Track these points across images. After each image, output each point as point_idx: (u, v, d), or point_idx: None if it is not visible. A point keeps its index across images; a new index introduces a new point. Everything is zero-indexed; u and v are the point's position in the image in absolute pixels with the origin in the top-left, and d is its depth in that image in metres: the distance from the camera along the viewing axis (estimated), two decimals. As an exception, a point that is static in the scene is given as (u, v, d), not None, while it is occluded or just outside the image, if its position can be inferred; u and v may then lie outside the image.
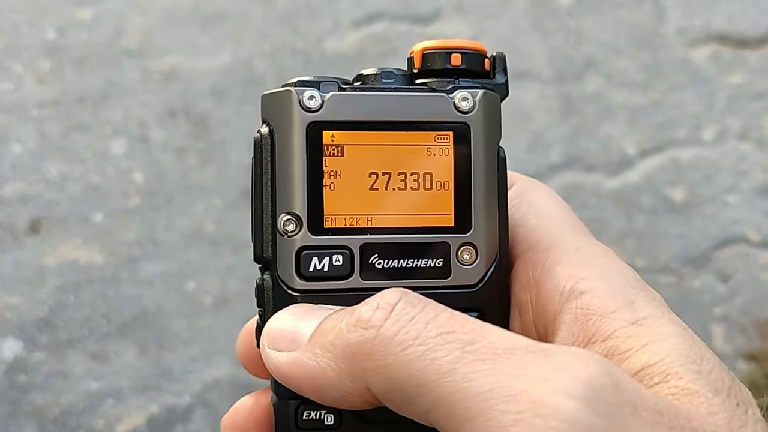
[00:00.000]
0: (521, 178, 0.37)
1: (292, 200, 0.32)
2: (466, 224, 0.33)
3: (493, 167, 0.33)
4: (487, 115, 0.33)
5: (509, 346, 0.25)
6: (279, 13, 1.33)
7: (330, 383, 0.27)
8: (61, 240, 1.17)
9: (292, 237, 0.32)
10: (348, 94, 0.32)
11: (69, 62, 1.27)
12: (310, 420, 0.32)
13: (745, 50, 1.38)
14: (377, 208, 0.32)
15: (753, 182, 1.30)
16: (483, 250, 0.33)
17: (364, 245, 0.32)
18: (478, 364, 0.25)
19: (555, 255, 0.32)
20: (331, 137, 0.32)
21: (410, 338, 0.26)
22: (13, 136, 1.22)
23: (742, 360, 1.18)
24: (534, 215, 0.35)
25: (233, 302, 1.15)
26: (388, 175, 0.32)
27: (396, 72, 0.34)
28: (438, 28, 1.34)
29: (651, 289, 0.31)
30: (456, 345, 0.25)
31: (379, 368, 0.26)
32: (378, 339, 0.26)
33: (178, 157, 1.23)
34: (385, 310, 0.27)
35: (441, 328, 0.26)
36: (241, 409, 0.35)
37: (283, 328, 0.30)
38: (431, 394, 0.25)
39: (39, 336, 1.12)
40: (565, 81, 1.33)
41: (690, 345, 0.28)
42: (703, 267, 1.24)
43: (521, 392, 0.23)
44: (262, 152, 0.33)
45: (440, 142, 0.33)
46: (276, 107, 0.33)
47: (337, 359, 0.27)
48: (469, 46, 0.35)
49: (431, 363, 0.25)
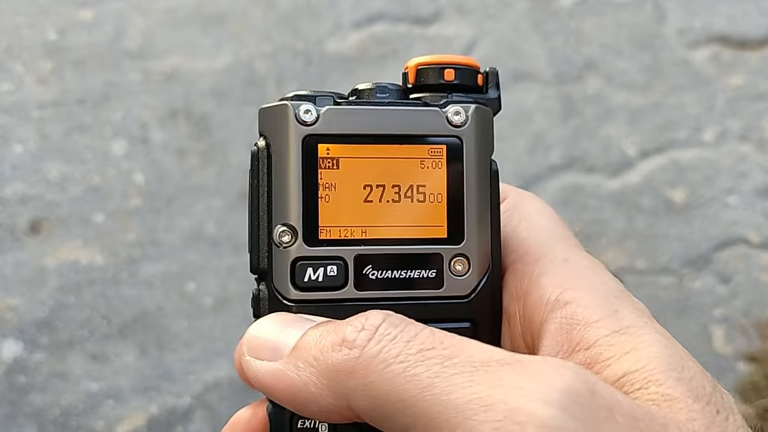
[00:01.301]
0: (514, 191, 0.38)
1: (287, 212, 0.32)
2: (458, 236, 0.33)
3: (485, 180, 0.34)
4: (479, 129, 0.33)
5: (486, 359, 0.26)
6: (280, 14, 1.33)
7: (311, 398, 0.28)
8: (61, 241, 1.17)
9: (287, 248, 0.32)
10: (343, 108, 0.33)
11: (70, 63, 1.27)
12: (305, 429, 0.32)
13: (746, 51, 1.38)
14: (371, 219, 0.33)
15: (753, 183, 1.30)
16: (475, 262, 0.33)
17: (358, 256, 0.33)
18: (457, 378, 0.25)
19: (542, 266, 0.33)
20: (326, 150, 0.33)
21: (392, 356, 0.26)
22: (14, 136, 1.22)
23: (743, 361, 1.18)
24: (525, 227, 0.35)
25: (233, 303, 1.15)
26: (382, 188, 0.33)
27: (390, 86, 0.34)
28: (438, 29, 1.34)
29: (635, 299, 0.32)
30: (435, 360, 0.26)
31: (361, 386, 0.27)
32: (361, 358, 0.27)
33: (178, 158, 1.23)
34: (370, 331, 0.28)
35: (421, 345, 0.27)
36: (239, 421, 0.36)
37: (265, 337, 0.30)
38: (412, 409, 0.25)
39: (39, 337, 1.12)
40: (565, 82, 1.33)
41: (672, 353, 0.28)
42: (704, 268, 1.24)
43: (499, 402, 0.24)
44: (259, 165, 0.33)
45: (433, 155, 0.33)
46: (272, 121, 0.33)
47: (320, 375, 0.28)
48: (462, 62, 0.35)
49: (411, 379, 0.26)
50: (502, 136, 1.30)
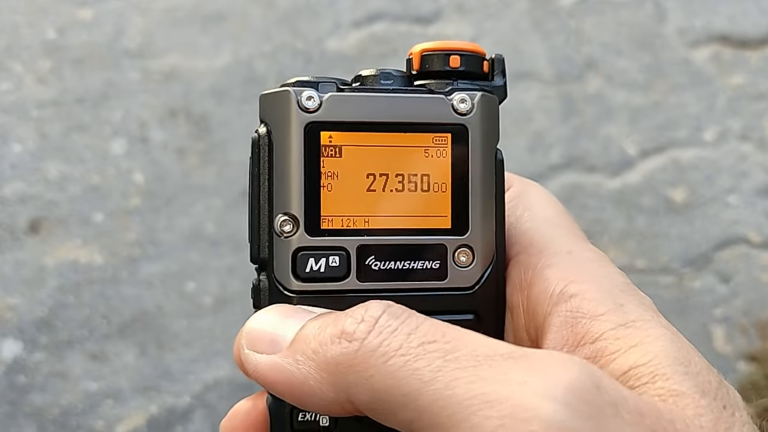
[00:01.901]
0: (519, 180, 0.37)
1: (289, 201, 0.32)
2: (463, 226, 0.33)
3: (490, 169, 0.33)
4: (485, 117, 0.33)
5: (490, 352, 0.26)
6: (279, 13, 1.33)
7: (311, 392, 0.27)
8: (61, 240, 1.17)
9: (288, 238, 0.32)
10: (346, 95, 0.32)
11: (69, 62, 1.27)
12: (306, 421, 0.32)
13: (746, 51, 1.38)
14: (374, 209, 0.32)
15: (754, 183, 1.30)
16: (480, 253, 0.33)
17: (360, 246, 0.32)
18: (460, 372, 0.25)
19: (546, 258, 0.32)
20: (329, 138, 0.32)
21: (392, 349, 0.26)
22: (13, 136, 1.22)
23: (743, 361, 1.18)
24: (529, 218, 0.35)
25: (233, 303, 1.15)
26: (385, 177, 0.32)
27: (395, 73, 0.34)
28: (439, 28, 1.34)
29: (641, 293, 0.31)
30: (437, 354, 0.25)
31: (361, 380, 0.26)
32: (361, 351, 0.26)
33: (178, 157, 1.23)
34: (369, 323, 0.27)
35: (423, 338, 0.26)
36: (238, 412, 0.36)
37: (263, 330, 0.29)
38: (414, 404, 0.25)
39: (39, 336, 1.12)
40: (565, 81, 1.33)
41: (678, 347, 0.28)
42: (704, 268, 1.24)
43: (503, 397, 0.24)
44: (260, 152, 0.33)
45: (438, 143, 0.32)
46: (274, 107, 0.32)
47: (319, 369, 0.27)
48: (467, 48, 0.34)
49: (413, 373, 0.25)
50: (503, 135, 1.30)
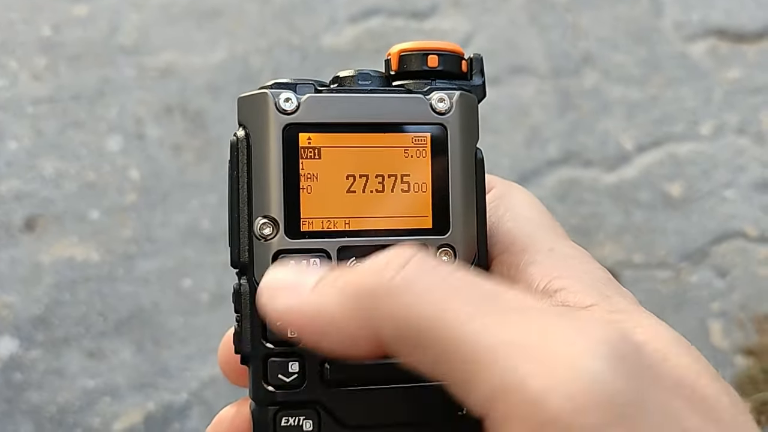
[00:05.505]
0: (500, 182, 0.37)
1: (268, 203, 0.32)
2: (444, 226, 0.32)
3: (470, 169, 0.33)
4: (464, 117, 0.33)
5: (527, 305, 0.25)
6: (275, 8, 1.32)
7: (334, 325, 0.26)
8: (56, 237, 1.16)
9: (268, 241, 0.32)
10: (324, 96, 0.32)
11: (64, 59, 1.26)
12: (289, 426, 0.32)
13: (743, 44, 1.37)
14: (355, 210, 0.32)
15: (751, 177, 1.30)
16: (461, 252, 0.33)
17: (341, 248, 0.32)
18: (496, 317, 0.24)
19: (529, 256, 0.32)
20: (307, 139, 0.32)
21: (430, 283, 0.25)
22: (9, 133, 1.22)
23: (740, 355, 1.18)
24: (510, 218, 0.34)
25: (229, 299, 1.14)
26: (365, 178, 0.32)
27: (373, 74, 0.34)
28: (435, 23, 1.34)
29: (623, 288, 0.31)
30: (476, 297, 0.25)
31: (393, 311, 0.25)
32: (396, 280, 0.25)
33: (174, 153, 1.22)
34: (403, 257, 0.26)
35: (461, 282, 0.25)
36: (223, 419, 0.35)
37: (284, 279, 0.28)
38: (443, 343, 0.24)
39: (35, 334, 1.12)
40: (562, 76, 1.33)
41: (673, 333, 0.28)
42: (701, 262, 1.24)
43: (540, 347, 0.23)
44: (239, 155, 0.32)
45: (417, 143, 0.32)
46: (252, 110, 0.32)
47: (348, 299, 0.26)
48: (446, 48, 0.34)
49: (449, 311, 0.24)
50: (499, 130, 1.30)
